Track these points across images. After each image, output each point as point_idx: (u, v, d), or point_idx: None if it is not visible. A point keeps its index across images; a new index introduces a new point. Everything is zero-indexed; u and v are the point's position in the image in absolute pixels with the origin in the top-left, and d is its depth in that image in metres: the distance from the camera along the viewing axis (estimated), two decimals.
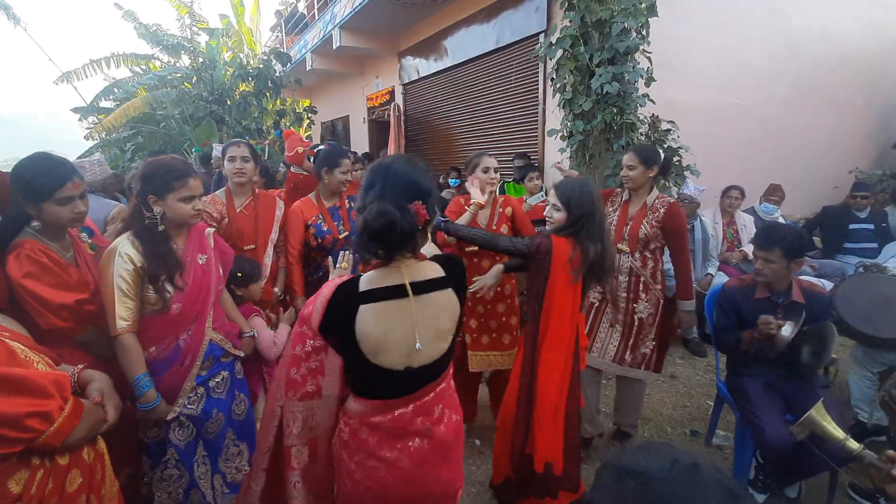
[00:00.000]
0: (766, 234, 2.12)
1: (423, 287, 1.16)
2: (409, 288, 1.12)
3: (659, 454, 0.61)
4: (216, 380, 1.78)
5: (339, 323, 1.12)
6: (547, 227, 1.94)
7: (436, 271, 1.19)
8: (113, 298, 1.53)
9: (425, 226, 1.14)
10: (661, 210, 2.37)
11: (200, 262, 1.75)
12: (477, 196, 2.29)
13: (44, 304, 1.45)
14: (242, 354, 1.92)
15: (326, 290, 1.16)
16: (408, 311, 1.13)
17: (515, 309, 2.54)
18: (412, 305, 1.13)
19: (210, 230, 1.89)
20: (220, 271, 1.86)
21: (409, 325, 1.13)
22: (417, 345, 1.13)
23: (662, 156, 2.46)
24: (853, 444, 1.34)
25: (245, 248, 2.39)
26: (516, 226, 2.55)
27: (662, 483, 0.57)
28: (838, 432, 1.40)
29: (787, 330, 1.99)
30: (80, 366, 1.25)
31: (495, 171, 2.43)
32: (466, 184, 2.42)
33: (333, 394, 1.20)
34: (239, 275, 2.13)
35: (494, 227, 2.48)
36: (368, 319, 1.11)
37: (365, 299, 1.12)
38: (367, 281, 1.14)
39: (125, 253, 1.56)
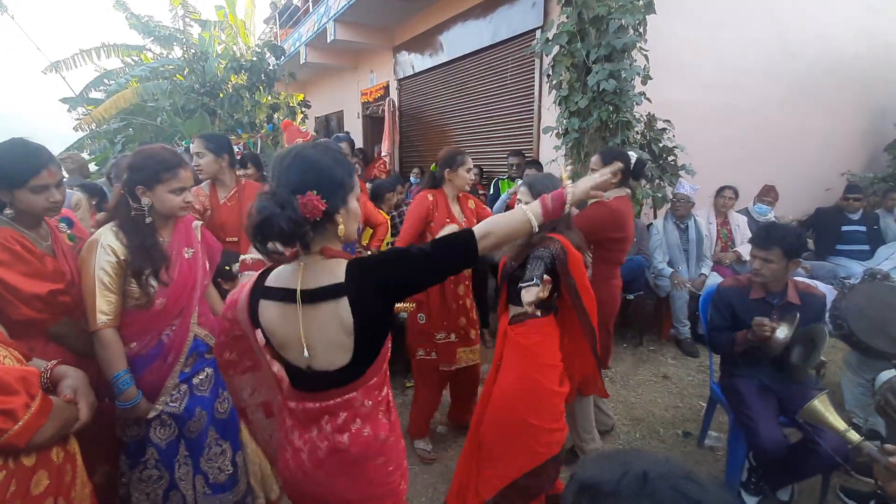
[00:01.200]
0: (765, 233, 2.09)
1: (314, 295, 1.06)
2: (298, 296, 1.06)
3: (611, 465, 0.58)
4: (200, 377, 1.73)
5: (253, 314, 1.14)
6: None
7: (334, 276, 1.07)
8: (94, 291, 1.47)
9: (325, 217, 1.03)
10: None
11: (187, 255, 1.70)
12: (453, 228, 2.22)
13: (14, 293, 1.39)
14: None
15: (251, 280, 1.17)
16: (296, 319, 1.07)
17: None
18: (298, 314, 1.07)
19: (198, 223, 1.83)
20: (207, 265, 1.81)
21: (299, 332, 1.08)
22: (305, 353, 1.08)
23: (635, 159, 2.41)
24: (854, 436, 1.34)
25: (227, 239, 2.34)
26: (480, 217, 2.52)
27: (610, 498, 0.54)
28: (840, 423, 1.39)
29: (783, 332, 1.97)
30: (54, 361, 1.19)
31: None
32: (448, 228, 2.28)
33: (269, 368, 1.21)
34: (227, 268, 2.08)
35: (464, 222, 2.45)
36: (266, 316, 1.12)
37: (264, 295, 1.12)
38: (273, 276, 1.14)
39: (108, 245, 1.50)
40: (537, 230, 1.18)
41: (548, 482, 1.87)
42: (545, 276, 1.68)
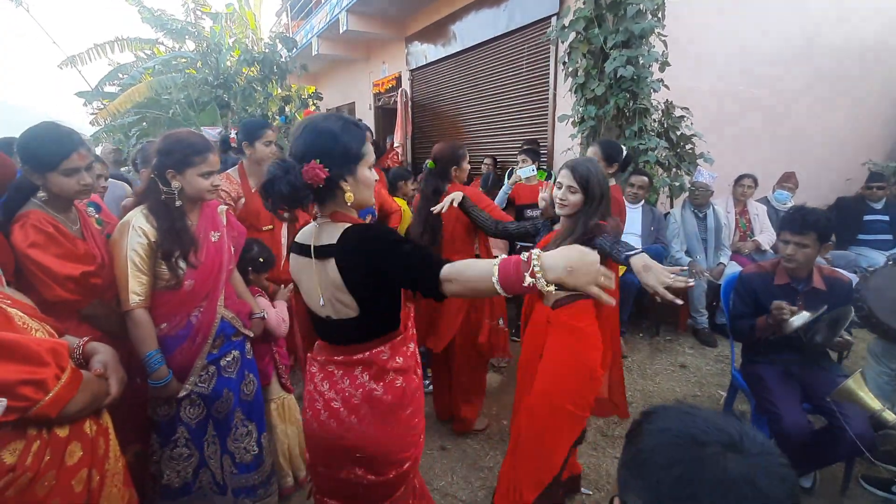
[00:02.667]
0: (801, 217, 2.04)
1: (319, 252, 1.18)
2: (312, 251, 1.18)
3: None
4: (227, 359, 1.76)
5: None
6: (559, 211, 1.79)
7: (333, 238, 1.15)
8: (126, 273, 1.50)
9: (330, 183, 1.11)
10: None
11: (213, 239, 1.72)
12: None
13: (49, 274, 1.42)
14: (252, 334, 1.89)
15: None
16: (311, 269, 1.20)
17: None
18: (314, 267, 1.19)
19: (223, 208, 1.85)
20: (232, 249, 1.83)
21: (315, 283, 1.20)
22: (321, 300, 1.20)
23: (625, 153, 2.49)
24: (890, 416, 1.32)
25: (263, 228, 2.36)
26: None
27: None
28: (875, 403, 1.38)
29: (798, 319, 1.93)
30: (86, 338, 1.22)
31: None
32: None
33: None
34: (261, 260, 2.11)
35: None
36: (293, 267, 1.28)
37: (293, 249, 1.28)
38: (300, 234, 1.28)
39: (139, 227, 1.53)
40: (503, 293, 0.98)
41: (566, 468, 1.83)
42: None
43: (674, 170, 4.04)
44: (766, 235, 3.93)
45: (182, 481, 1.70)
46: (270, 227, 2.38)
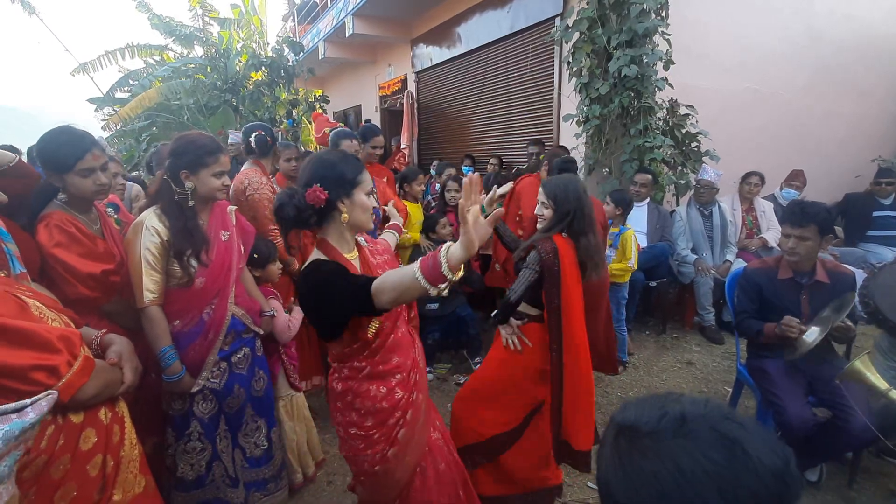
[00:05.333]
0: (800, 210, 2.06)
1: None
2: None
3: (652, 407, 0.58)
4: (238, 355, 1.80)
5: None
6: (538, 225, 1.95)
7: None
8: (140, 271, 1.55)
9: (329, 205, 1.26)
10: None
11: (223, 238, 1.77)
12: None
13: (72, 272, 1.47)
14: (262, 332, 1.94)
15: None
16: None
17: None
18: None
19: (232, 208, 1.90)
20: (242, 248, 1.88)
21: None
22: None
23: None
24: None
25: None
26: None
27: (649, 437, 0.55)
28: (882, 383, 1.39)
29: (812, 336, 1.92)
30: (103, 330, 1.27)
31: None
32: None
33: None
34: (255, 256, 2.14)
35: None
36: None
37: None
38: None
39: (152, 226, 1.58)
40: (432, 290, 1.08)
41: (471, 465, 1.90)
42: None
43: (679, 168, 4.04)
44: (772, 233, 3.92)
45: (196, 474, 1.75)
46: None
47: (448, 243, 1.08)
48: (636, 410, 0.60)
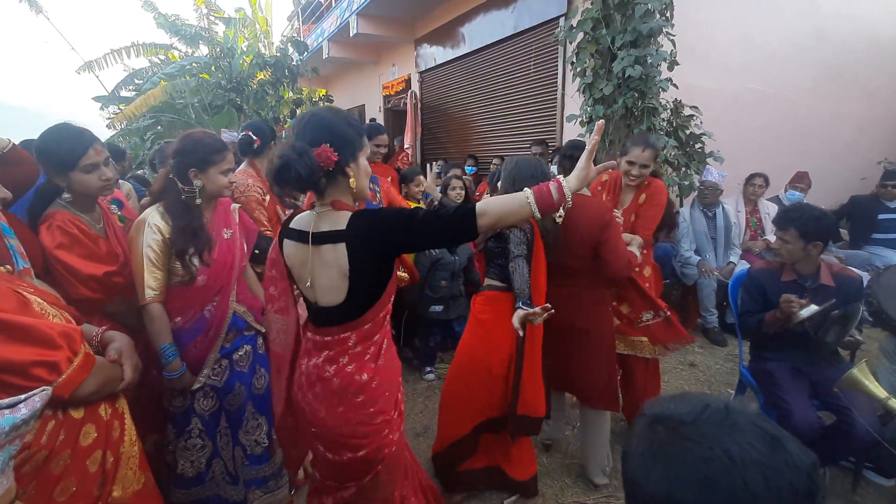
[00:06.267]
0: (784, 213, 2.13)
1: (321, 238, 1.22)
2: (309, 237, 1.23)
3: (691, 400, 0.61)
4: (239, 353, 1.80)
5: (282, 251, 1.33)
6: None
7: (338, 225, 1.21)
8: (142, 268, 1.55)
9: (337, 169, 1.19)
10: None
11: (226, 236, 1.77)
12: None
13: (74, 274, 1.48)
14: (264, 329, 1.94)
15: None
16: (307, 255, 1.25)
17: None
18: (309, 252, 1.24)
19: (235, 206, 1.90)
20: (244, 246, 1.88)
21: (308, 268, 1.25)
22: (308, 283, 1.26)
23: None
24: (895, 403, 1.32)
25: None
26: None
27: (693, 426, 0.57)
28: (881, 391, 1.37)
29: (806, 311, 1.95)
30: (104, 327, 1.27)
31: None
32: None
33: (296, 318, 1.39)
34: (257, 252, 2.15)
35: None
36: (287, 252, 1.31)
37: (286, 235, 1.32)
38: (295, 220, 1.31)
39: (154, 224, 1.58)
40: (538, 215, 1.16)
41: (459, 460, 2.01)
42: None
43: (683, 169, 4.02)
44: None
45: (196, 471, 1.75)
46: None
47: (561, 178, 1.16)
48: (673, 404, 0.62)
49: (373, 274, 1.22)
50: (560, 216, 1.85)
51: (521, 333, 1.64)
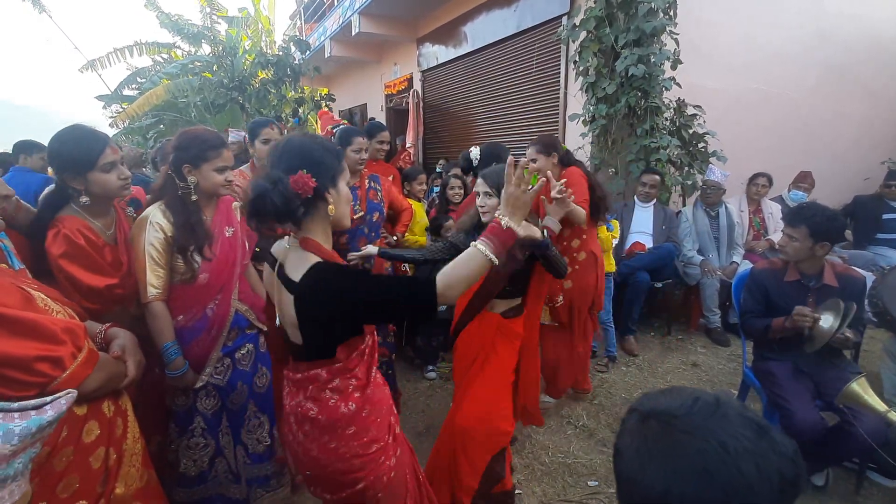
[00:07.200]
0: (797, 210, 2.10)
1: (281, 276, 1.18)
2: (275, 273, 1.20)
3: (681, 394, 0.62)
4: (241, 352, 1.80)
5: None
6: (484, 218, 1.88)
7: (297, 272, 1.11)
8: (144, 266, 1.55)
9: (316, 195, 1.11)
10: None
11: (228, 234, 1.77)
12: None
13: (75, 284, 1.47)
14: (265, 328, 1.94)
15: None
16: (276, 287, 1.21)
17: None
18: (276, 285, 1.20)
19: (237, 204, 1.90)
20: (247, 245, 1.88)
21: (276, 301, 1.22)
22: (277, 321, 1.21)
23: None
24: (895, 417, 1.31)
25: None
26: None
27: (685, 419, 0.58)
28: (880, 405, 1.37)
29: (828, 322, 1.88)
30: (108, 324, 1.27)
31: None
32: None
33: None
34: (258, 250, 2.15)
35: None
36: (266, 277, 1.30)
37: (267, 259, 1.29)
38: (274, 246, 1.27)
39: (157, 222, 1.58)
40: (497, 262, 1.12)
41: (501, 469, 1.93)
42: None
43: (686, 168, 4.01)
44: (780, 235, 3.88)
45: (198, 470, 1.75)
46: None
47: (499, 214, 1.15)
48: (664, 398, 0.62)
49: (329, 328, 1.14)
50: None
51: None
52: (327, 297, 1.09)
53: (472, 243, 1.11)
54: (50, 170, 4.34)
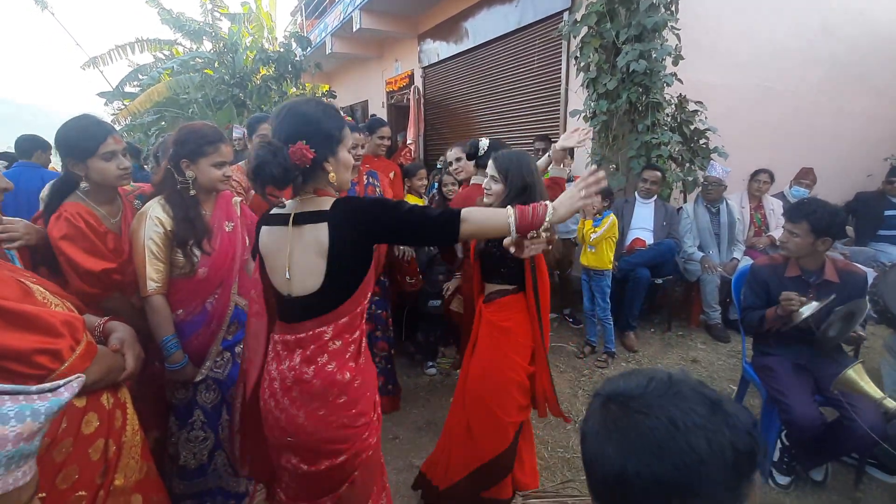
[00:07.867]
0: (798, 205, 2.10)
1: (303, 218, 1.20)
2: (290, 219, 1.21)
3: (638, 375, 0.64)
4: (241, 345, 1.80)
5: (257, 241, 1.32)
6: (485, 200, 1.86)
7: (322, 206, 1.20)
8: (144, 260, 1.56)
9: (314, 165, 1.16)
10: None
11: (227, 229, 1.77)
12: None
13: (73, 266, 1.49)
14: None
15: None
16: (285, 238, 1.22)
17: None
18: (289, 235, 1.21)
19: (237, 199, 1.91)
20: (247, 239, 1.88)
21: (287, 253, 1.22)
22: (287, 273, 1.21)
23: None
24: (891, 403, 1.32)
25: None
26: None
27: (640, 399, 0.60)
28: (876, 392, 1.37)
29: (808, 309, 1.93)
30: (106, 318, 1.28)
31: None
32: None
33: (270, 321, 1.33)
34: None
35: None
36: (264, 240, 1.29)
37: (265, 221, 1.30)
38: (276, 208, 1.27)
39: (156, 216, 1.59)
40: (514, 235, 1.17)
41: (506, 470, 1.84)
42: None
43: (687, 164, 4.00)
44: (781, 231, 3.88)
45: (198, 463, 1.75)
46: None
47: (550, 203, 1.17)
48: (622, 381, 0.64)
49: (351, 257, 1.20)
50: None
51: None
52: (362, 215, 1.17)
53: (507, 208, 1.17)
54: (51, 165, 4.38)
